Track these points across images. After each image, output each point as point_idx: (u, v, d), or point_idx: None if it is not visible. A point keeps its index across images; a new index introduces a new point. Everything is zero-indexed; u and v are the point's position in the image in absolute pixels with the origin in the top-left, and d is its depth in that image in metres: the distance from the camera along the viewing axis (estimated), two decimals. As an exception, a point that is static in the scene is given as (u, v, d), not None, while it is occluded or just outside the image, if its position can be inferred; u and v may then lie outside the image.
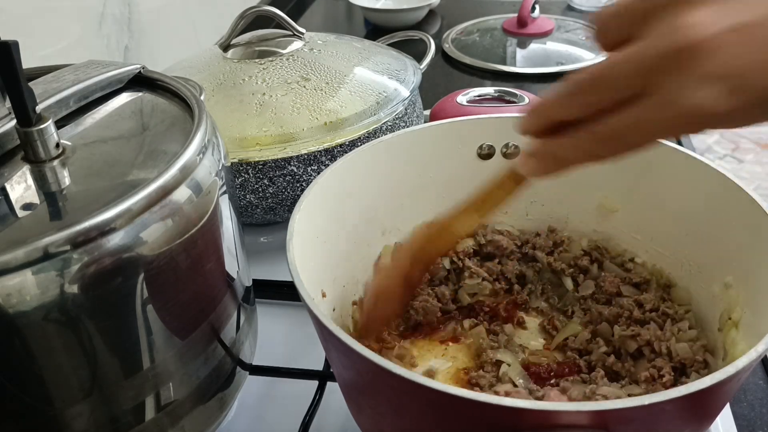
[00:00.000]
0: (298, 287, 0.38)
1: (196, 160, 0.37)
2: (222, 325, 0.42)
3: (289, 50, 0.72)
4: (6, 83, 0.34)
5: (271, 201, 0.65)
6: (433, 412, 0.34)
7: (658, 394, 0.29)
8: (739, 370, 0.31)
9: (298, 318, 0.59)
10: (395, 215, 0.55)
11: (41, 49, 0.70)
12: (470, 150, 0.55)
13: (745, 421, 0.49)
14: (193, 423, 0.41)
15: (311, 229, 0.45)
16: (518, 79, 1.07)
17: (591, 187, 0.55)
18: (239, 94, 0.66)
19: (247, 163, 0.62)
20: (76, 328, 0.32)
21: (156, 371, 0.37)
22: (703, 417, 0.36)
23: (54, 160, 0.36)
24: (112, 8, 0.82)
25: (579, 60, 1.10)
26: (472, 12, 1.34)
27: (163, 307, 0.36)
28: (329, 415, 0.50)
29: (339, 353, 0.37)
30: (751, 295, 0.43)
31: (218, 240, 0.40)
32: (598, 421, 0.30)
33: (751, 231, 0.43)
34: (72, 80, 0.42)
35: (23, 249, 0.29)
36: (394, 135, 0.53)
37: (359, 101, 0.67)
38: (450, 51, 1.16)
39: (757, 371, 0.54)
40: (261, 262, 0.61)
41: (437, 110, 0.81)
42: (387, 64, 0.74)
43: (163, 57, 0.92)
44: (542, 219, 0.58)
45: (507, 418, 0.30)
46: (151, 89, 0.45)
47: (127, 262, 0.33)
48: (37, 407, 0.33)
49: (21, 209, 0.33)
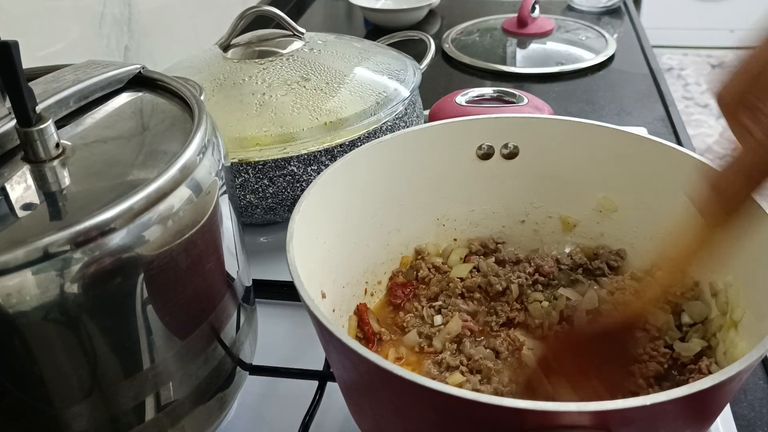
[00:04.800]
0: (298, 288, 0.38)
1: (196, 160, 0.37)
2: (222, 325, 0.42)
3: (289, 50, 0.72)
4: (6, 83, 0.34)
5: (271, 201, 0.65)
6: (434, 413, 0.34)
7: (660, 395, 0.29)
8: (739, 370, 0.31)
9: (298, 318, 0.59)
10: (395, 215, 0.55)
11: (41, 49, 0.70)
12: (470, 150, 0.55)
13: (745, 421, 0.49)
14: (193, 423, 0.41)
15: (311, 230, 0.45)
16: (518, 79, 1.07)
17: (591, 187, 0.55)
18: (239, 94, 0.66)
19: (247, 163, 0.62)
20: (76, 328, 0.32)
21: (156, 371, 0.37)
22: (704, 417, 0.36)
23: (54, 160, 0.36)
24: (112, 8, 0.82)
25: (579, 60, 1.10)
26: (472, 12, 1.34)
27: (163, 307, 0.36)
28: (329, 415, 0.50)
29: (339, 354, 0.37)
30: (752, 295, 0.43)
31: (218, 240, 0.40)
32: (600, 421, 0.30)
33: (751, 231, 0.43)
34: (72, 80, 0.42)
35: (23, 249, 0.29)
36: (393, 135, 0.53)
37: (359, 101, 0.66)
38: (450, 51, 1.16)
39: (757, 371, 0.54)
40: (261, 262, 0.61)
41: (436, 110, 0.81)
42: (387, 64, 0.74)
43: (163, 57, 0.92)
44: (542, 221, 0.58)
45: (508, 418, 0.30)
46: (151, 89, 0.45)
47: (127, 262, 0.33)
48: (37, 407, 0.33)
49: (21, 209, 0.33)
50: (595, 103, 0.98)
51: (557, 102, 0.97)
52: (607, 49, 1.12)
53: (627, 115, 0.95)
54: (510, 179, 0.56)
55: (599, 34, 1.19)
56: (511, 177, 0.56)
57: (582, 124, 0.53)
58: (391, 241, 0.56)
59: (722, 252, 0.37)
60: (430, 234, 0.58)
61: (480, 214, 0.58)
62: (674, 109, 0.95)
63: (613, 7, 1.33)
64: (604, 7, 1.33)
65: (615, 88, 1.02)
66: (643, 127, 0.87)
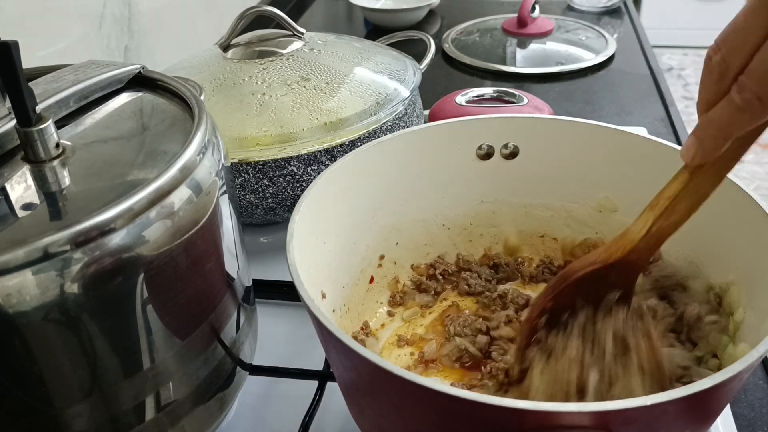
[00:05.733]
0: (298, 288, 0.38)
1: (196, 160, 0.37)
2: (222, 325, 0.42)
3: (289, 50, 0.72)
4: (6, 83, 0.34)
5: (271, 201, 0.65)
6: (434, 413, 0.34)
7: (661, 395, 0.29)
8: (740, 370, 0.31)
9: (298, 318, 0.59)
10: (395, 215, 0.55)
11: (41, 49, 0.70)
12: (469, 150, 0.55)
13: (745, 421, 0.49)
14: (193, 423, 0.41)
15: (311, 230, 0.45)
16: (518, 79, 1.07)
17: (591, 187, 0.55)
18: (239, 94, 0.66)
19: (247, 163, 0.62)
20: (76, 328, 0.32)
21: (156, 371, 0.37)
22: (704, 417, 0.36)
23: (54, 160, 0.36)
24: (112, 8, 0.82)
25: (579, 60, 1.10)
26: (472, 12, 1.34)
27: (163, 307, 0.36)
28: (329, 415, 0.50)
29: (339, 354, 0.37)
30: (752, 295, 0.43)
31: (218, 240, 0.40)
32: (600, 421, 0.30)
33: (751, 231, 0.43)
34: (72, 80, 0.42)
35: (23, 249, 0.29)
36: (393, 135, 0.53)
37: (359, 101, 0.66)
38: (450, 51, 1.16)
39: (757, 371, 0.54)
40: (261, 262, 0.61)
41: (436, 111, 0.81)
42: (387, 64, 0.74)
43: (163, 57, 0.92)
44: (541, 221, 0.58)
45: (508, 418, 0.30)
46: (151, 89, 0.45)
47: (127, 262, 0.33)
48: (37, 407, 0.33)
49: (21, 209, 0.33)
50: (595, 103, 0.98)
51: (557, 102, 0.97)
52: (607, 49, 1.12)
53: (627, 115, 0.95)
54: (510, 179, 0.56)
55: (599, 34, 1.19)
56: (511, 177, 0.56)
57: (582, 124, 0.53)
58: (391, 241, 0.56)
59: None
60: (431, 234, 0.58)
61: (480, 214, 0.58)
62: (674, 109, 0.95)
63: (613, 7, 1.33)
64: (604, 7, 1.33)
65: (615, 88, 1.02)
66: (643, 127, 0.87)
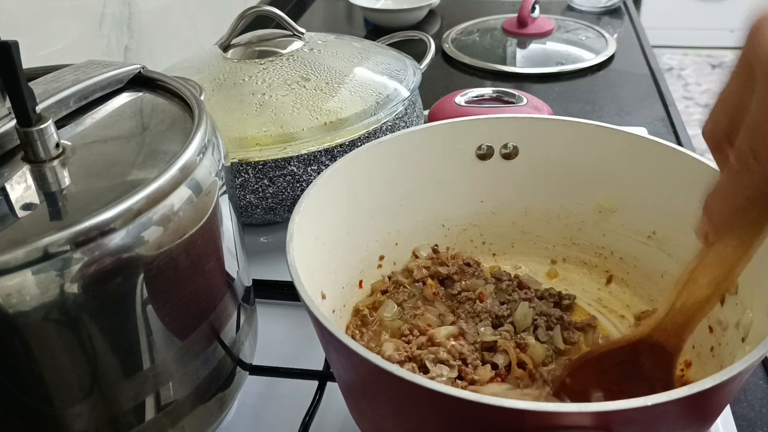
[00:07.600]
0: (298, 288, 0.38)
1: (196, 160, 0.37)
2: (222, 325, 0.42)
3: (289, 50, 0.72)
4: (6, 83, 0.34)
5: (271, 201, 0.65)
6: (435, 414, 0.34)
7: (661, 395, 0.29)
8: (740, 371, 0.31)
9: (298, 318, 0.59)
10: (395, 216, 0.55)
11: (41, 49, 0.70)
12: (469, 150, 0.55)
13: (745, 421, 0.49)
14: (193, 423, 0.41)
15: (311, 230, 0.45)
16: (518, 80, 1.07)
17: (591, 187, 0.55)
18: (239, 94, 0.66)
19: (247, 163, 0.62)
20: (76, 328, 0.32)
21: (156, 371, 0.37)
22: (704, 417, 0.36)
23: (54, 160, 0.36)
24: (112, 8, 0.82)
25: (579, 60, 1.10)
26: (472, 12, 1.34)
27: (163, 307, 0.36)
28: (329, 415, 0.50)
29: (339, 355, 0.37)
30: (753, 295, 0.43)
31: (218, 240, 0.40)
32: (601, 422, 0.30)
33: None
34: (72, 80, 0.42)
35: (23, 249, 0.29)
36: (393, 135, 0.53)
37: (359, 101, 0.66)
38: (450, 51, 1.16)
39: (758, 371, 0.54)
40: (261, 262, 0.61)
41: (435, 111, 0.81)
42: (387, 64, 0.74)
43: (163, 57, 0.92)
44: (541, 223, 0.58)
45: (509, 419, 0.30)
46: (151, 89, 0.45)
47: (127, 262, 0.32)
48: (37, 407, 0.33)
49: (21, 209, 0.33)
50: (595, 103, 0.98)
51: (557, 102, 0.97)
52: (607, 49, 1.12)
53: (627, 115, 0.95)
54: (510, 179, 0.56)
55: (599, 34, 1.19)
56: (510, 177, 0.56)
57: (582, 124, 0.53)
58: (391, 241, 0.56)
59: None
60: (430, 234, 0.58)
61: (480, 215, 0.58)
62: (674, 109, 0.95)
63: (613, 7, 1.33)
64: (604, 7, 1.33)
65: (615, 88, 1.02)
66: (643, 127, 0.87)
